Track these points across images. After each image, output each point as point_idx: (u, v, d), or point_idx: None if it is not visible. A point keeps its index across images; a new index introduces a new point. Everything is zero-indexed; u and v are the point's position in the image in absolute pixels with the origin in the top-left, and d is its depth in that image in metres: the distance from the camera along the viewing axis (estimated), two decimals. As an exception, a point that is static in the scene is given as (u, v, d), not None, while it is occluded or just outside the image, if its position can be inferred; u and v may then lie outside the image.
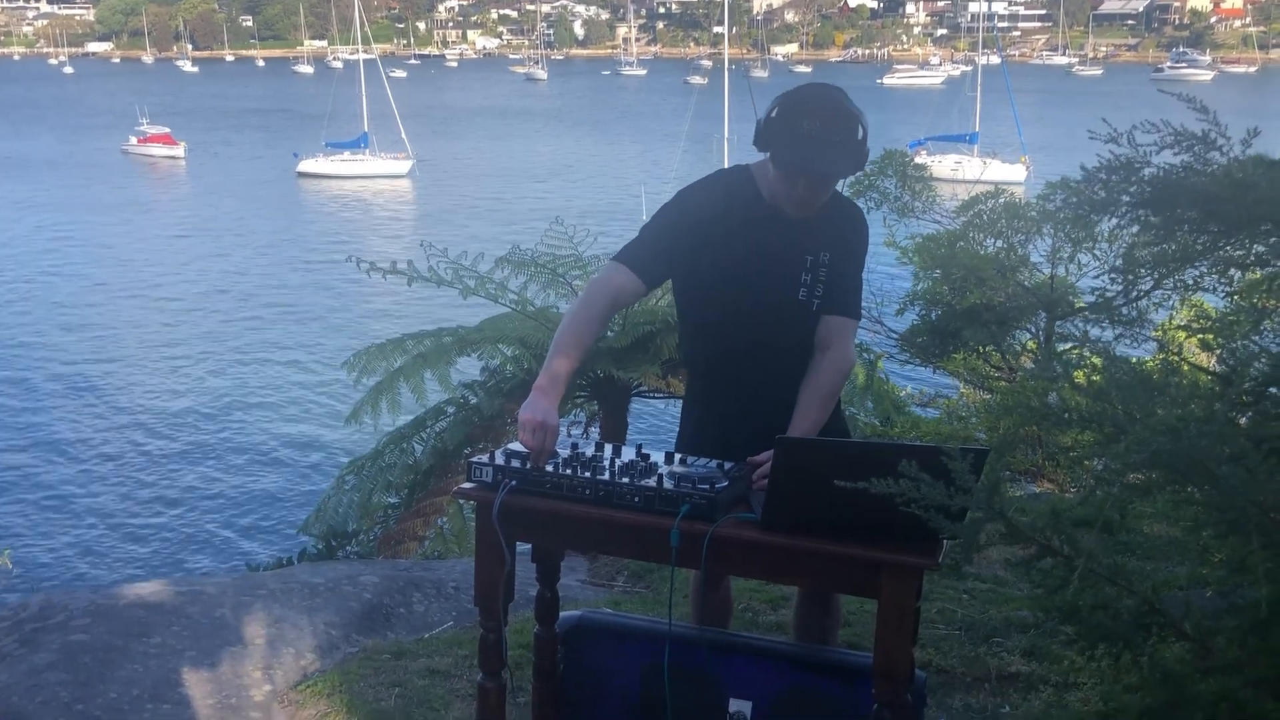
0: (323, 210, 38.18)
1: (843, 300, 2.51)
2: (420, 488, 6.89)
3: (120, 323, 23.49)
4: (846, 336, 2.52)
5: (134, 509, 14.63)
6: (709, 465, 2.23)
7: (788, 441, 2.02)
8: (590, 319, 2.40)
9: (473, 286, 6.86)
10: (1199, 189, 2.13)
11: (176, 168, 48.29)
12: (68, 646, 3.41)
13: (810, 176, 2.35)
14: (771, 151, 2.37)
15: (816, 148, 2.30)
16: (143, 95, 66.53)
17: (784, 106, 2.36)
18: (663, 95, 79.51)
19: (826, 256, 2.49)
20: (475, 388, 7.07)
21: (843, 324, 2.51)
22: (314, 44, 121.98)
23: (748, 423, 2.52)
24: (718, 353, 2.55)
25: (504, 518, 2.18)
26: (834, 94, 2.38)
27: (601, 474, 2.16)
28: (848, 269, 2.53)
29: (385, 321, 19.93)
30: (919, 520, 1.86)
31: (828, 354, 2.48)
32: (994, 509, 1.62)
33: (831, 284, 2.49)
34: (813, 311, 2.49)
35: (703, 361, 2.62)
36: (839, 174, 2.38)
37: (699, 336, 2.60)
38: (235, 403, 18.66)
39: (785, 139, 2.33)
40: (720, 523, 2.05)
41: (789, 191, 2.40)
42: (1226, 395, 2.04)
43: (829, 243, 2.50)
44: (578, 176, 44.76)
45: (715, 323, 2.53)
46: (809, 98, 2.37)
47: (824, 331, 2.50)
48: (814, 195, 2.40)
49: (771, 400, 2.51)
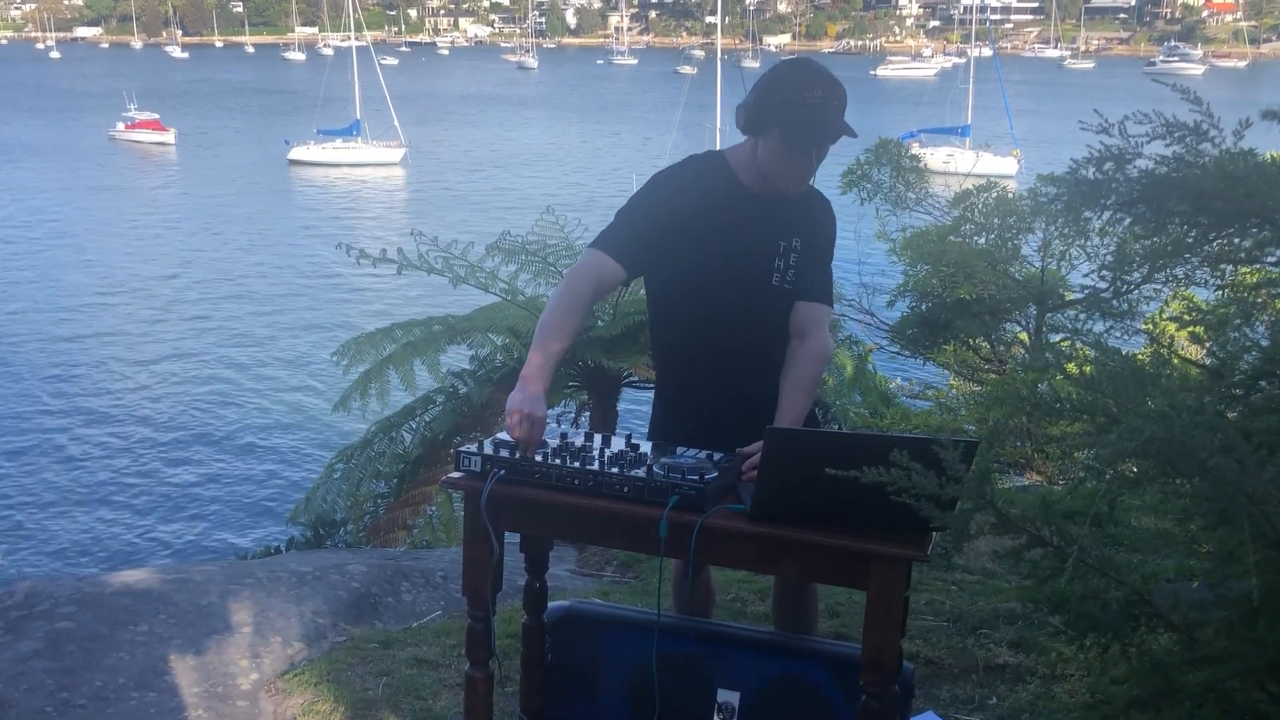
0: (314, 198, 38.00)
1: (816, 287, 2.52)
2: (409, 477, 6.88)
3: (107, 312, 23.34)
4: (822, 324, 2.52)
5: (122, 498, 14.58)
6: (698, 456, 2.22)
7: (777, 432, 2.01)
8: (574, 306, 2.39)
9: (463, 275, 6.84)
10: (1190, 182, 2.13)
11: (166, 154, 47.94)
12: (53, 634, 3.39)
13: (820, 144, 2.38)
14: (776, 128, 2.37)
15: (825, 115, 2.33)
16: (131, 80, 66.14)
17: (779, 82, 2.38)
18: (653, 84, 79.38)
19: (798, 242, 2.51)
20: (465, 376, 7.06)
21: (817, 310, 2.51)
22: (305, 30, 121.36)
23: (721, 411, 2.53)
24: (692, 336, 2.56)
25: (492, 507, 2.17)
26: (816, 63, 2.44)
27: (590, 464, 2.15)
28: (819, 255, 2.55)
29: (376, 311, 19.87)
30: (908, 511, 1.86)
31: (805, 342, 2.49)
32: (984, 499, 1.62)
33: (803, 269, 2.51)
34: (785, 295, 2.50)
35: (676, 345, 2.62)
36: (841, 135, 2.39)
37: (673, 321, 2.60)
38: (223, 392, 18.59)
39: (791, 113, 2.33)
40: (709, 513, 2.05)
41: (789, 167, 2.41)
42: (1217, 388, 2.04)
43: (801, 228, 2.52)
44: (568, 164, 44.65)
45: (689, 307, 2.53)
46: (802, 70, 2.40)
47: (800, 319, 2.50)
48: (813, 165, 2.43)
49: (747, 385, 2.52)
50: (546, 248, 6.65)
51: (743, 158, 2.49)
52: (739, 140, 2.55)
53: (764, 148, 2.42)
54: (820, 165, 2.47)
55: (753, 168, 2.47)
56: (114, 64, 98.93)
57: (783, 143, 2.37)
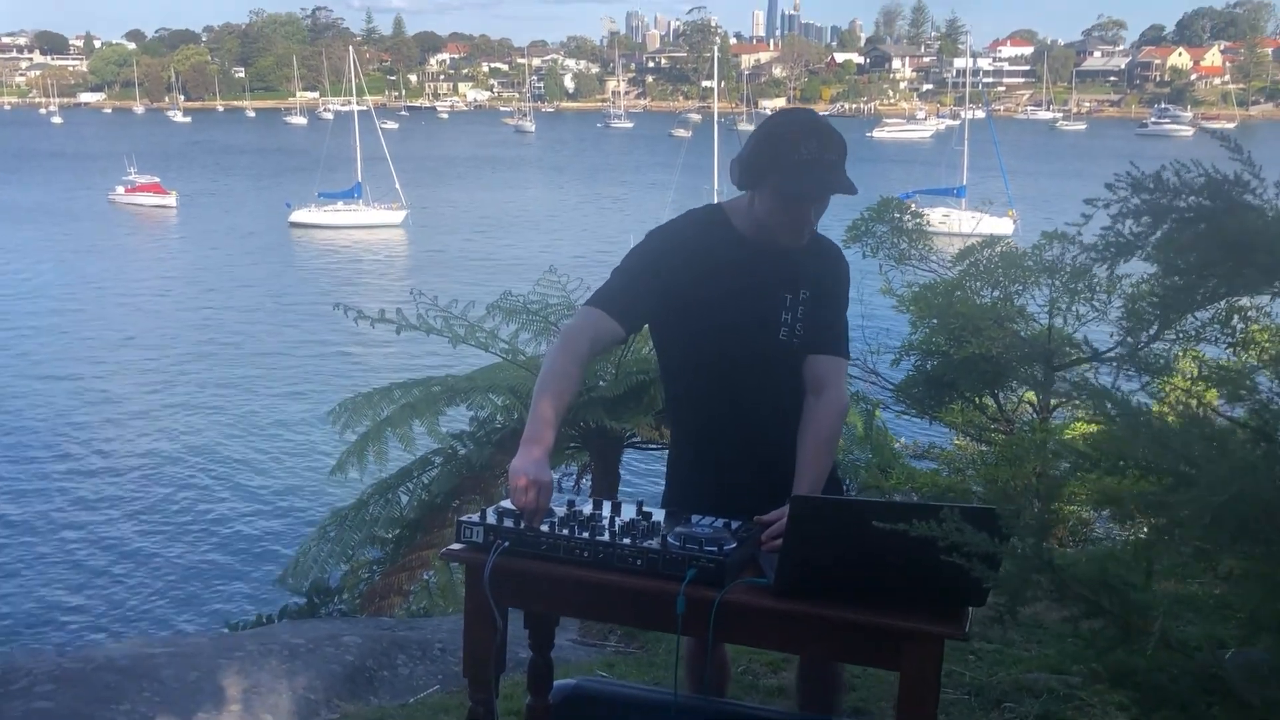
0: (315, 260, 38.07)
1: (830, 340, 2.42)
2: (406, 541, 6.71)
3: (103, 373, 23.19)
4: (839, 378, 2.42)
5: (113, 563, 14.28)
6: (715, 525, 2.09)
7: (804, 500, 1.88)
8: (571, 364, 2.27)
9: (462, 335, 6.74)
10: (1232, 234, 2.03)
11: (167, 217, 48.10)
12: (30, 716, 3.22)
13: (819, 200, 2.29)
14: (770, 182, 2.28)
15: (819, 169, 2.24)
16: (132, 143, 66.57)
17: (773, 135, 2.29)
18: (649, 146, 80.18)
19: (806, 294, 2.41)
20: (464, 438, 6.93)
21: (833, 364, 2.41)
22: (306, 95, 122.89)
23: (738, 472, 2.42)
24: (701, 398, 2.45)
25: (496, 582, 2.03)
26: (813, 114, 2.36)
27: (601, 534, 2.01)
28: (832, 307, 2.46)
29: (375, 371, 19.73)
30: (946, 584, 1.74)
31: (822, 397, 2.38)
32: (1043, 561, 1.49)
33: (814, 323, 2.41)
34: (794, 351, 2.40)
35: (686, 408, 2.52)
36: (839, 190, 2.29)
37: (679, 382, 2.50)
38: (219, 455, 18.35)
39: (784, 166, 2.25)
40: (729, 588, 1.91)
41: (786, 221, 2.32)
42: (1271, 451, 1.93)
43: (808, 280, 2.42)
44: (566, 225, 44.88)
45: (695, 366, 2.44)
46: (796, 122, 2.31)
47: (814, 373, 2.39)
48: (811, 220, 2.34)
49: (761, 446, 2.41)
50: (548, 307, 6.55)
51: (741, 210, 2.41)
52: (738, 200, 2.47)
53: (760, 201, 2.33)
54: (820, 218, 2.38)
55: (751, 220, 2.38)
56: (115, 128, 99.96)
57: (777, 197, 2.29)
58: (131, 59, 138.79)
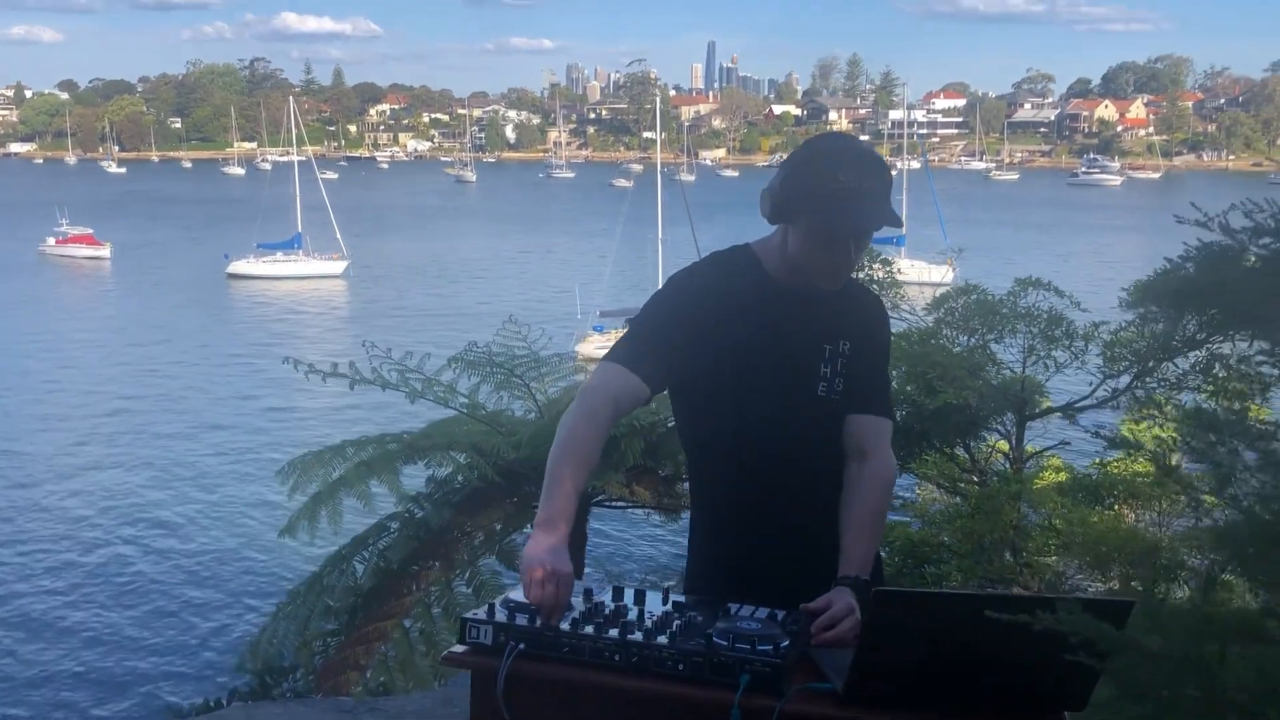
0: (254, 311, 37.29)
1: (874, 398, 2.17)
2: (361, 610, 6.31)
3: (26, 436, 21.97)
4: (884, 442, 2.16)
5: (41, 648, 13.04)
6: (762, 618, 1.81)
7: (886, 595, 1.60)
8: (591, 431, 1.99)
9: (419, 389, 6.42)
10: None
11: (100, 269, 46.97)
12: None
13: (857, 236, 2.04)
14: (804, 217, 2.03)
15: (857, 202, 1.98)
16: (64, 194, 64.99)
17: (807, 162, 2.03)
18: (590, 196, 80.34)
19: (846, 346, 2.14)
20: (421, 500, 6.57)
21: (878, 425, 2.16)
22: (244, 145, 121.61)
23: (772, 548, 2.13)
24: (729, 463, 2.16)
25: (510, 692, 1.72)
26: (852, 139, 2.12)
27: (632, 632, 1.72)
28: (873, 361, 2.20)
29: (325, 428, 18.96)
30: (1043, 687, 1.49)
31: (867, 464, 2.12)
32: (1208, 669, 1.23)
33: (856, 378, 2.15)
34: (833, 408, 2.13)
35: (710, 475, 2.22)
36: (883, 224, 2.04)
37: (703, 447, 2.21)
38: (156, 523, 17.27)
39: (818, 199, 1.99)
40: (790, 695, 1.62)
41: (824, 260, 2.05)
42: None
43: (849, 330, 2.16)
44: (508, 275, 44.57)
45: (722, 424, 2.14)
46: (833, 147, 2.06)
47: (857, 436, 2.13)
48: (853, 258, 2.09)
49: (797, 517, 2.13)
50: (514, 359, 6.26)
51: (773, 250, 2.14)
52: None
53: (794, 238, 2.07)
54: (862, 257, 2.13)
55: (784, 261, 2.11)
56: (47, 178, 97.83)
57: (813, 233, 2.03)
58: (64, 108, 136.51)
